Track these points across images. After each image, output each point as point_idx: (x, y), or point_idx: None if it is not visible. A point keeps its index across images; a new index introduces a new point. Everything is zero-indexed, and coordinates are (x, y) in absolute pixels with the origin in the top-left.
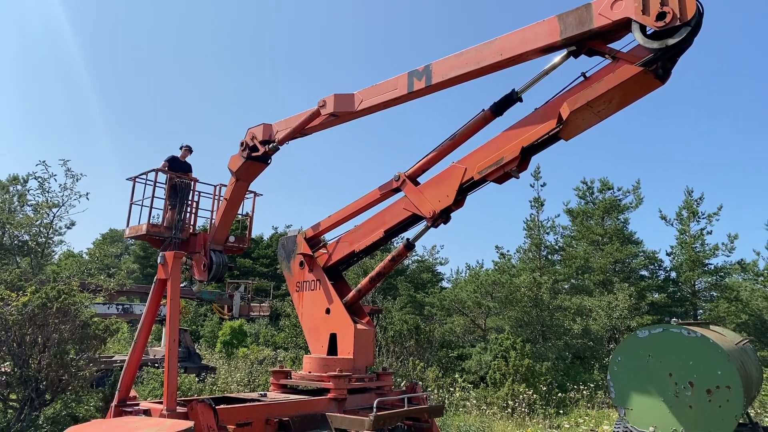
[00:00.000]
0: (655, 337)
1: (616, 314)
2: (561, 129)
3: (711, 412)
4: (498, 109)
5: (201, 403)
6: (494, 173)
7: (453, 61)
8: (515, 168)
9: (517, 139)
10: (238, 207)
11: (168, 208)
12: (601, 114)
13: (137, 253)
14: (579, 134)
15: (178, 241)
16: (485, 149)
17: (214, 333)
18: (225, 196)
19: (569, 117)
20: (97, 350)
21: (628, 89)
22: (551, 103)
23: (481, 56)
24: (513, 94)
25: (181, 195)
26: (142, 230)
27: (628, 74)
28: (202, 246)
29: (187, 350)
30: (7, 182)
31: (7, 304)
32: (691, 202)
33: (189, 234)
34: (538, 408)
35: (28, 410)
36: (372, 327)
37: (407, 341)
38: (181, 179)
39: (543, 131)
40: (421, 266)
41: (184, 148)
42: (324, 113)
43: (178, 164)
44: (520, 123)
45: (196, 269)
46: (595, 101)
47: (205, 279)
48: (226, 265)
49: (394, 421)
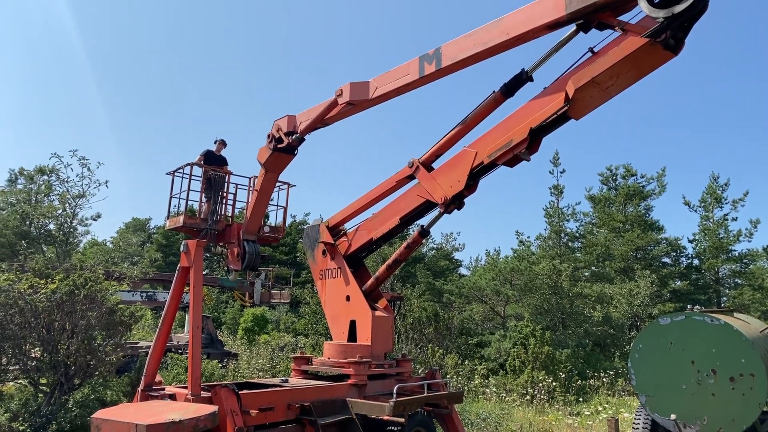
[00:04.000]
0: (678, 325)
1: (638, 302)
2: (569, 108)
3: (734, 399)
4: (508, 91)
5: (224, 388)
6: (504, 156)
7: (461, 42)
8: (525, 150)
9: (525, 120)
10: (268, 198)
11: (204, 200)
12: (611, 90)
13: (159, 242)
14: (590, 112)
15: (213, 232)
16: (495, 132)
17: (235, 320)
18: (255, 187)
19: (575, 95)
20: (122, 336)
21: (636, 62)
22: (559, 82)
23: (489, 36)
24: (523, 74)
25: (215, 187)
26: (179, 222)
27: (633, 47)
28: (236, 236)
29: (209, 337)
30: (33, 172)
31: (36, 291)
32: (716, 187)
33: (224, 225)
34: (557, 395)
35: (57, 394)
36: (391, 314)
37: (426, 328)
38: (215, 172)
39: (551, 111)
40: (439, 254)
41: (218, 142)
42: (341, 102)
43: (213, 158)
44: (529, 104)
45: (231, 258)
46: (601, 77)
47: (239, 268)
48: (259, 255)
49: (413, 406)
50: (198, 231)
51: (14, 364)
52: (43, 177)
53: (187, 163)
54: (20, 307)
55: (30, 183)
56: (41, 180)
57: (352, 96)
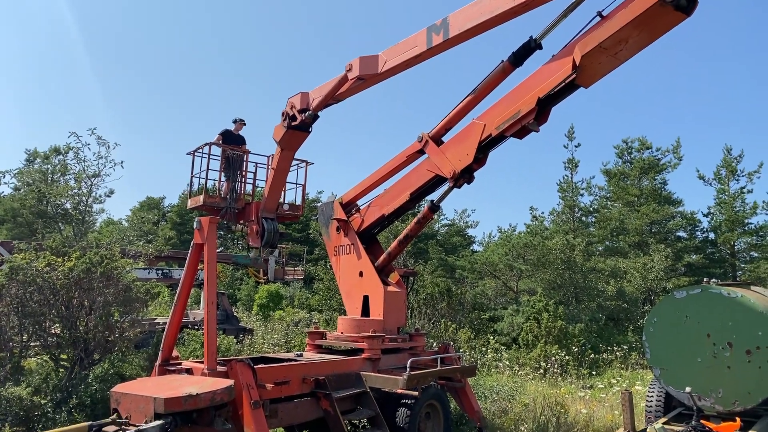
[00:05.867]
0: (693, 298)
1: (652, 276)
2: (577, 75)
3: (750, 372)
4: (517, 60)
5: (240, 362)
6: (512, 127)
7: (468, 11)
8: (533, 121)
9: (533, 90)
10: (285, 175)
11: (223, 179)
12: (620, 56)
13: (174, 220)
14: (600, 79)
15: (233, 210)
16: (503, 103)
17: (250, 296)
18: (272, 165)
19: (582, 62)
20: (139, 312)
21: (646, 25)
22: (567, 49)
23: (496, 4)
24: (531, 42)
25: (234, 166)
26: (200, 201)
27: (642, 7)
28: (255, 214)
29: (225, 313)
30: (49, 152)
31: (54, 269)
32: (731, 160)
33: (243, 203)
34: (570, 369)
35: (78, 369)
36: (403, 289)
37: (439, 303)
38: (233, 151)
39: (558, 80)
40: (452, 230)
41: (238, 122)
42: (351, 77)
43: (232, 137)
44: (537, 73)
45: (251, 236)
46: (609, 42)
47: (258, 245)
48: (278, 232)
49: (427, 380)
50: (218, 210)
51: (35, 341)
52: (58, 156)
53: (206, 143)
54: (39, 285)
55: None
56: (57, 160)
57: (361, 70)
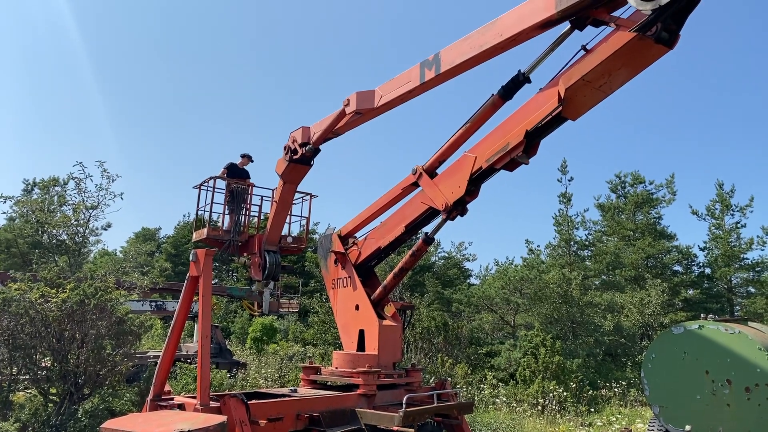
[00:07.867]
0: (691, 334)
1: (649, 311)
2: (563, 108)
3: (750, 410)
4: (506, 93)
5: (233, 398)
6: (501, 160)
7: (459, 46)
8: (522, 153)
9: (521, 123)
10: (288, 208)
11: (227, 212)
12: (605, 88)
13: (169, 251)
14: (586, 112)
15: (236, 244)
16: (493, 136)
17: (244, 329)
18: (275, 198)
19: (566, 94)
20: (132, 346)
21: (627, 58)
22: (552, 82)
23: (484, 39)
24: (519, 76)
25: (238, 199)
26: (204, 234)
27: (620, 42)
28: (258, 247)
29: (218, 346)
30: (48, 182)
31: (47, 300)
32: (723, 195)
33: (247, 236)
34: (569, 405)
35: (67, 404)
36: (399, 323)
37: (435, 338)
38: (238, 185)
39: (545, 112)
40: (449, 263)
41: (244, 157)
42: (349, 112)
43: (236, 171)
44: (524, 106)
45: (253, 269)
46: (591, 75)
47: (260, 278)
48: (280, 265)
49: (423, 417)
50: (221, 242)
51: (24, 374)
52: (55, 188)
53: (211, 177)
54: (31, 317)
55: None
56: (54, 190)
57: (358, 105)
